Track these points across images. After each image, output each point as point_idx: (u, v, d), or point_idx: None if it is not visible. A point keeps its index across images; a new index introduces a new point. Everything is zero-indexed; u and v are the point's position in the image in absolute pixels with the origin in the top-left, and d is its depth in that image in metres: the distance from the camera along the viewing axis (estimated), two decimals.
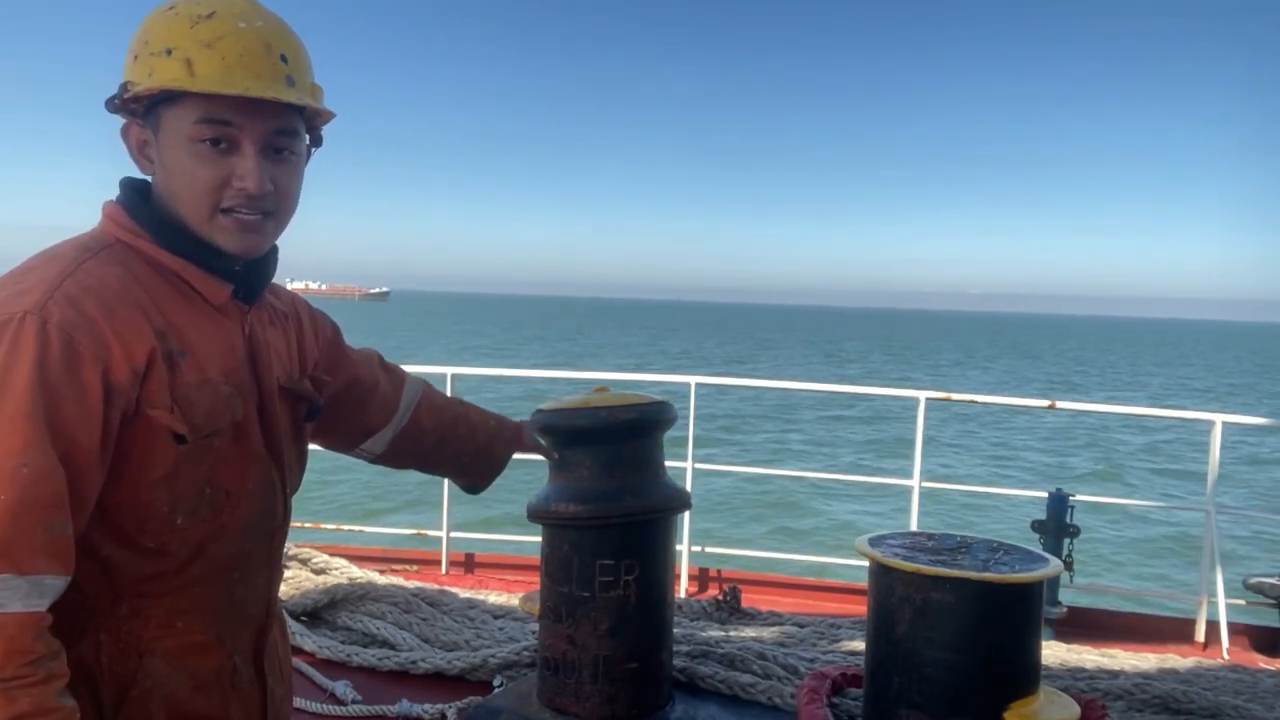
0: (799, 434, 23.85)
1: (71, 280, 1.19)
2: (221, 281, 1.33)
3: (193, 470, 1.28)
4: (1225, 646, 4.00)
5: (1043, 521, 4.13)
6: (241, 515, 1.37)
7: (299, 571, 3.73)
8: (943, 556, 1.74)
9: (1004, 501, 12.85)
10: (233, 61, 1.22)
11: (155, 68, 1.23)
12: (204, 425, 1.27)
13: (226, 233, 1.28)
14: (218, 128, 1.23)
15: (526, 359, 49.62)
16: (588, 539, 1.88)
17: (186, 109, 1.23)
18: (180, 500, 1.28)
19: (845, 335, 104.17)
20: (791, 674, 2.32)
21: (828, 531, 13.08)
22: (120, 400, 1.18)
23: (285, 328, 1.54)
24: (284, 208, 1.34)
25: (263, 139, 1.26)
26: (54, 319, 1.14)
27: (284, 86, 1.25)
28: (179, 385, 1.25)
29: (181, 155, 1.25)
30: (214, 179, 1.25)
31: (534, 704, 1.97)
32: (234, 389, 1.33)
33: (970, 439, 23.07)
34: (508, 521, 5.19)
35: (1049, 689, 1.74)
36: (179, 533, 1.29)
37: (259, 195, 1.27)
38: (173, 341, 1.25)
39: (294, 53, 1.29)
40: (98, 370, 1.15)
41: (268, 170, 1.27)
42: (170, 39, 1.23)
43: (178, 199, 1.28)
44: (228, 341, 1.35)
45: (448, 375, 4.67)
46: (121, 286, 1.22)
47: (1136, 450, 22.72)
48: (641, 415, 1.90)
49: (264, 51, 1.24)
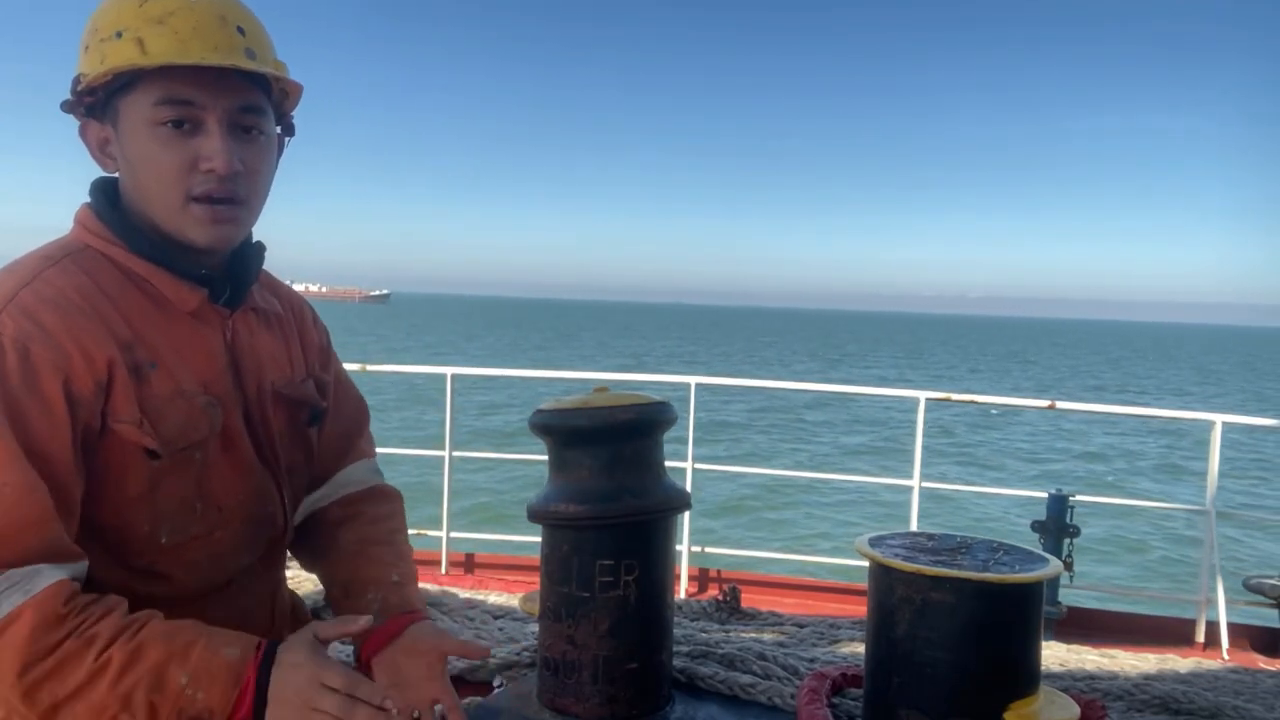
0: (799, 434, 23.83)
1: (28, 291, 1.13)
2: (193, 287, 1.25)
3: (174, 486, 1.21)
4: (1225, 647, 4.00)
5: (1043, 522, 4.13)
6: (235, 528, 1.30)
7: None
8: (943, 556, 1.74)
9: (1004, 502, 12.85)
10: (186, 35, 1.14)
11: (106, 53, 1.16)
12: (177, 439, 1.20)
13: (198, 224, 1.20)
14: (178, 108, 1.16)
15: (528, 359, 49.57)
16: (588, 539, 1.88)
17: (144, 92, 1.16)
18: (163, 518, 1.21)
19: (844, 339, 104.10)
20: (791, 674, 2.32)
21: (828, 531, 13.08)
22: (84, 412, 1.12)
23: (283, 329, 1.46)
24: (255, 191, 1.25)
25: (228, 116, 1.18)
26: (8, 331, 1.09)
27: (243, 57, 1.17)
28: (148, 397, 1.18)
29: (143, 142, 1.17)
30: (179, 163, 1.17)
31: (534, 704, 1.97)
32: (213, 398, 1.26)
33: (970, 439, 23.06)
34: (508, 521, 5.19)
35: (1049, 689, 1.74)
36: (167, 553, 1.23)
37: (228, 175, 1.19)
38: (140, 352, 1.19)
39: (251, 26, 1.22)
40: (58, 381, 1.09)
41: (235, 150, 1.19)
42: (119, 21, 1.16)
43: (144, 192, 1.21)
44: (205, 348, 1.27)
45: (448, 375, 4.67)
46: (81, 296, 1.16)
47: (1136, 450, 22.71)
48: (641, 415, 1.90)
49: (218, 23, 1.17)
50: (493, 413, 22.75)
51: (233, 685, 1.11)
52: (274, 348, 1.42)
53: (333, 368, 1.59)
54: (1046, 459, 21.08)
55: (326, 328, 1.62)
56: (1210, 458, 4.30)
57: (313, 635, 1.20)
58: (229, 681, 1.11)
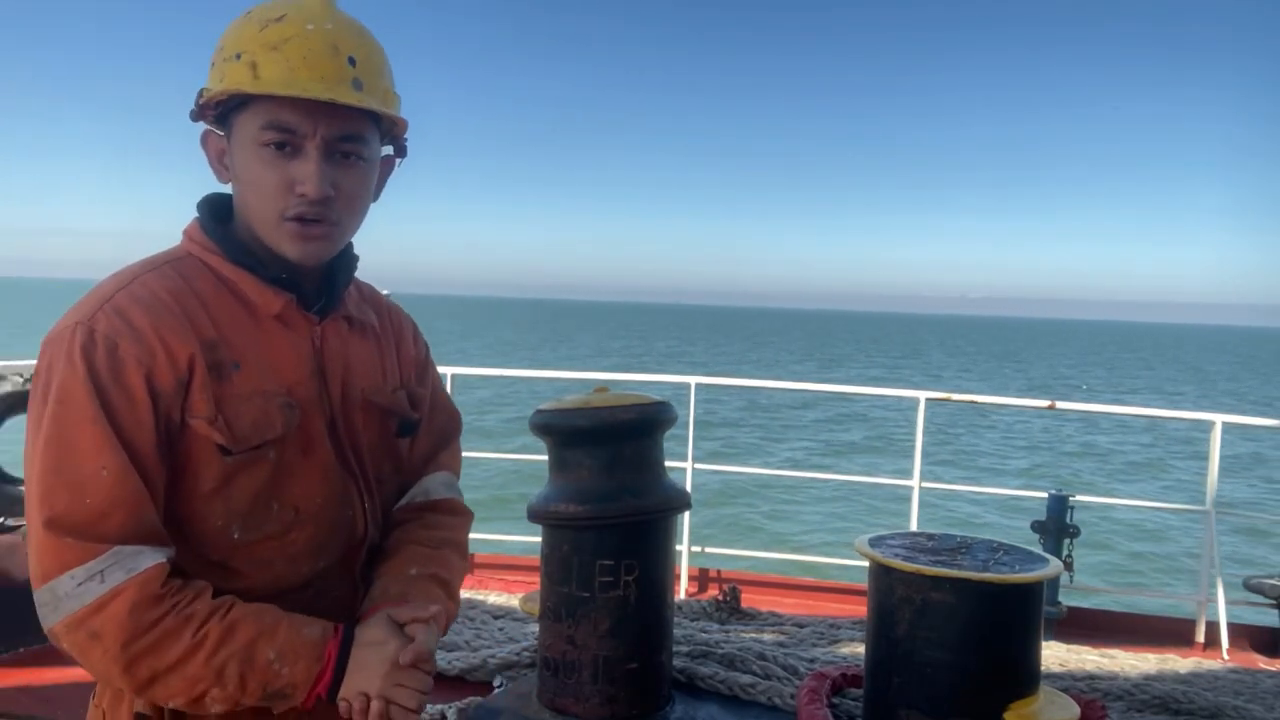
0: (799, 434, 23.85)
1: (124, 292, 1.22)
2: (277, 291, 1.30)
3: (247, 483, 1.26)
4: (1225, 647, 4.00)
5: (1043, 522, 4.13)
6: (311, 531, 1.33)
7: None
8: (943, 557, 1.74)
9: (1004, 502, 12.86)
10: (297, 63, 1.21)
11: (225, 72, 1.23)
12: (250, 436, 1.24)
13: (290, 241, 1.27)
14: (280, 133, 1.23)
15: (528, 359, 49.60)
16: (588, 539, 1.88)
17: (253, 114, 1.23)
18: (235, 515, 1.26)
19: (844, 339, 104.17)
20: (791, 674, 2.32)
21: (827, 532, 13.09)
22: (165, 405, 1.19)
23: (378, 340, 1.48)
24: (349, 213, 1.31)
25: (326, 144, 1.24)
26: (100, 329, 1.17)
27: (348, 89, 1.23)
28: (226, 395, 1.23)
29: (249, 160, 1.25)
30: (277, 183, 1.24)
31: (534, 704, 1.97)
32: (294, 401, 1.30)
33: (969, 440, 23.07)
34: (507, 521, 5.19)
35: (1049, 689, 1.74)
36: (241, 550, 1.27)
37: (318, 200, 1.25)
38: (223, 352, 1.24)
39: (366, 56, 1.27)
40: (141, 374, 1.17)
41: (329, 175, 1.25)
42: (240, 43, 1.23)
43: (248, 205, 1.28)
44: (291, 352, 1.32)
45: (448, 375, 4.68)
46: (173, 298, 1.24)
47: (1136, 450, 22.73)
48: (641, 415, 1.90)
49: (330, 53, 1.23)
50: (491, 410, 22.77)
51: (315, 661, 1.21)
52: (366, 356, 1.45)
53: (429, 382, 1.61)
54: (1047, 459, 21.10)
55: (427, 344, 1.66)
56: (1210, 458, 4.30)
57: (388, 617, 1.29)
58: (312, 657, 1.21)
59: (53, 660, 3.30)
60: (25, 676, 3.18)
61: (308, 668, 1.20)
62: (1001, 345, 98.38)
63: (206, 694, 1.16)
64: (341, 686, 1.22)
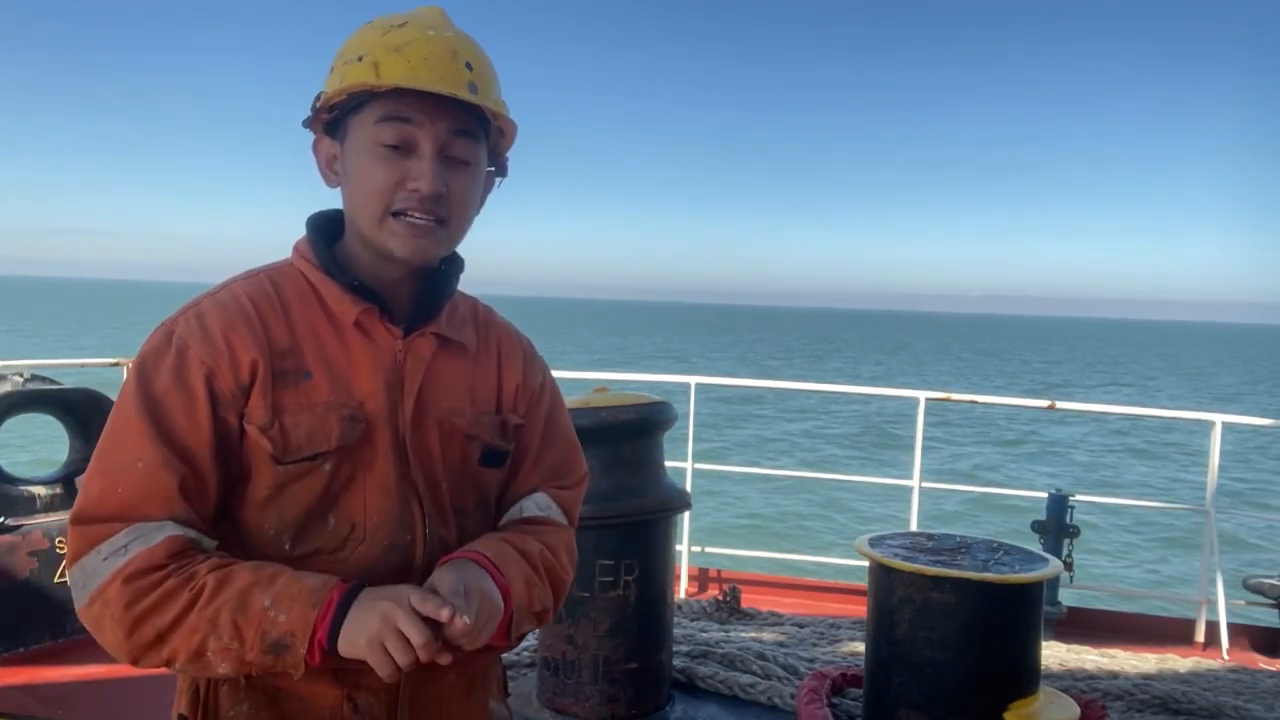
0: (799, 435, 23.85)
1: (210, 298, 1.26)
2: (355, 299, 1.28)
3: (300, 494, 1.23)
4: (1225, 647, 4.00)
5: (1043, 522, 4.13)
6: (366, 550, 1.27)
7: None
8: (943, 557, 1.74)
9: (1003, 502, 12.85)
10: (418, 63, 1.24)
11: (346, 74, 1.26)
12: (303, 447, 1.22)
13: (396, 237, 1.26)
14: (398, 125, 1.24)
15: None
16: (588, 539, 1.88)
17: (370, 111, 1.25)
18: (286, 524, 1.24)
19: (843, 340, 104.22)
20: (791, 674, 2.32)
21: (827, 531, 13.09)
22: (224, 409, 1.20)
23: (476, 362, 1.42)
24: (458, 215, 1.30)
25: (441, 142, 1.26)
26: (178, 331, 1.21)
27: (466, 89, 1.26)
28: (289, 404, 1.22)
29: (363, 159, 1.26)
30: (389, 179, 1.25)
31: (534, 704, 1.97)
32: (361, 414, 1.26)
33: (969, 439, 23.08)
34: None
35: (1049, 689, 1.74)
36: (294, 563, 1.22)
37: (431, 196, 1.25)
38: (293, 360, 1.24)
39: (479, 64, 1.30)
40: (203, 376, 1.19)
41: (443, 174, 1.27)
42: (362, 47, 1.27)
43: (355, 205, 1.29)
44: (367, 364, 1.29)
45: None
46: (254, 304, 1.25)
47: (1136, 450, 22.73)
48: (642, 415, 1.90)
49: (449, 57, 1.26)
50: None
51: (312, 607, 1.14)
52: (456, 377, 1.39)
53: (541, 416, 1.51)
54: (1046, 458, 21.10)
55: (544, 371, 1.54)
56: (1210, 458, 4.30)
57: (406, 592, 1.17)
58: (309, 603, 1.14)
59: (53, 660, 3.31)
60: (25, 676, 3.18)
61: (304, 613, 1.12)
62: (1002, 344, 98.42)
63: (206, 647, 1.13)
64: (341, 635, 1.12)
